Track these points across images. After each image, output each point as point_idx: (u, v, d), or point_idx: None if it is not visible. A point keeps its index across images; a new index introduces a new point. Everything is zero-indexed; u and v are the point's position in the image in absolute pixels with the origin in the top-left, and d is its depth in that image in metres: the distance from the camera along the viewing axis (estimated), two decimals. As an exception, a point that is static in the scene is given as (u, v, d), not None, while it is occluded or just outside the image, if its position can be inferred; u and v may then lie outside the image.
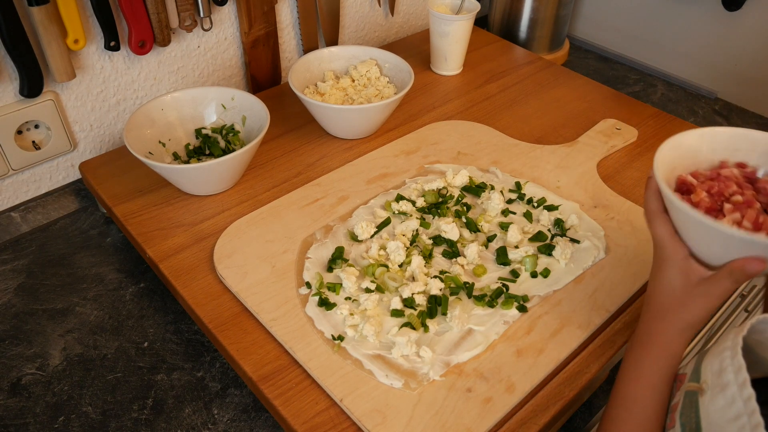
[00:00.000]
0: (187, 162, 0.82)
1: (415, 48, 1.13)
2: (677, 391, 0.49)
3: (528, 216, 0.76)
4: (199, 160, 0.83)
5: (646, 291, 0.54)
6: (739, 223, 0.49)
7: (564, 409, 0.59)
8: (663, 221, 0.52)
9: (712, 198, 0.51)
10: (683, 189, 0.53)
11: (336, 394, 0.57)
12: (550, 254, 0.71)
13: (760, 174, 0.55)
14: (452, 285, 0.67)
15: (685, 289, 0.50)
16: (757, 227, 0.48)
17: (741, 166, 0.55)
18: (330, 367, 0.59)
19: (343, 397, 0.57)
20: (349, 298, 0.66)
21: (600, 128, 0.92)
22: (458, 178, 0.80)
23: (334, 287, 0.66)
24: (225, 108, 0.85)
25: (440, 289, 0.66)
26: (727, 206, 0.50)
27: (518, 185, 0.80)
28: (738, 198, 0.50)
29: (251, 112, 0.83)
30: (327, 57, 0.95)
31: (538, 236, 0.73)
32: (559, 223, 0.75)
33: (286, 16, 1.02)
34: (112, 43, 0.81)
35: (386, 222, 0.75)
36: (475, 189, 0.79)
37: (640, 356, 0.52)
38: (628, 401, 0.51)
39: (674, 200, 0.48)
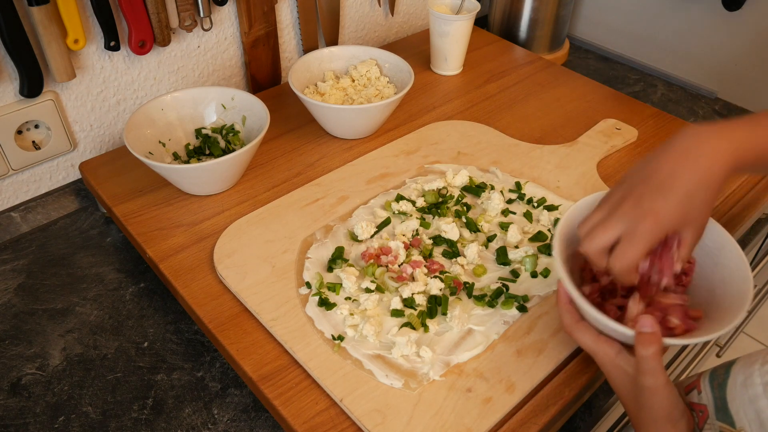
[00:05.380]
0: (187, 162, 0.82)
1: (415, 48, 1.13)
2: (703, 424, 0.49)
3: (528, 216, 0.76)
4: (199, 160, 0.83)
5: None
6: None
7: (564, 409, 0.59)
8: (582, 330, 0.52)
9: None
10: (586, 272, 0.55)
11: (336, 394, 0.57)
12: (550, 254, 0.71)
13: None
14: (452, 285, 0.67)
15: (634, 388, 0.50)
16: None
17: None
18: (330, 367, 0.59)
19: (343, 397, 0.57)
20: (349, 298, 0.66)
21: (600, 128, 0.92)
22: (458, 178, 0.80)
23: (334, 287, 0.66)
24: (225, 108, 0.85)
25: (440, 289, 0.66)
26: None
27: (518, 185, 0.80)
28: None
29: (251, 112, 0.83)
30: (327, 57, 0.95)
31: (538, 236, 0.73)
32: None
33: (286, 16, 1.02)
34: (112, 43, 0.81)
35: (386, 222, 0.74)
36: (475, 189, 0.79)
37: None
38: None
39: (586, 309, 0.51)
